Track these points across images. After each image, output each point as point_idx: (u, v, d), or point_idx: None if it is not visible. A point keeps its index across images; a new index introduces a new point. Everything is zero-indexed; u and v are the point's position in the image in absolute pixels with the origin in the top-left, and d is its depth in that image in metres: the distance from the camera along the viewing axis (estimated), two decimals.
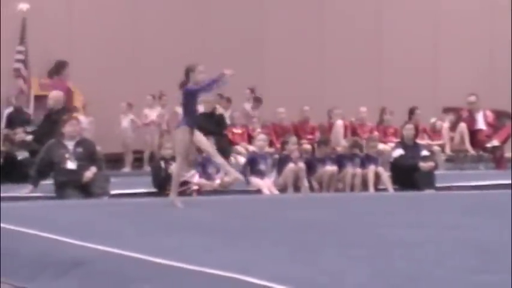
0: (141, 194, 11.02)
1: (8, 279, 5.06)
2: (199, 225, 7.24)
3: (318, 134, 14.70)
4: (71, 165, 10.37)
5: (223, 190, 11.21)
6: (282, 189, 11.91)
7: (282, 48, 16.71)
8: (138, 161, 15.47)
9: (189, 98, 8.72)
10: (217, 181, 11.67)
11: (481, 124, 15.54)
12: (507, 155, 15.78)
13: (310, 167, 12.13)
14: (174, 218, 7.96)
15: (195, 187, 11.29)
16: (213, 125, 13.30)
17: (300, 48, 17.00)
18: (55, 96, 12.77)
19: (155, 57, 16.06)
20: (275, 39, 16.91)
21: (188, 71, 8.73)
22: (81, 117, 13.36)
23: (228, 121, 14.50)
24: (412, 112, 14.77)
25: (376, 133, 14.33)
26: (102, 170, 10.83)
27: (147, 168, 13.94)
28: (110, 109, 15.07)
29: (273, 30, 17.03)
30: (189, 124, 8.68)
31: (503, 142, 15.60)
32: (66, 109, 12.27)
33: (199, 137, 8.84)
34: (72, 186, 10.28)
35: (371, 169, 12.18)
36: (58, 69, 12.88)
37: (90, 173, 10.34)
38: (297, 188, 11.89)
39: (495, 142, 15.42)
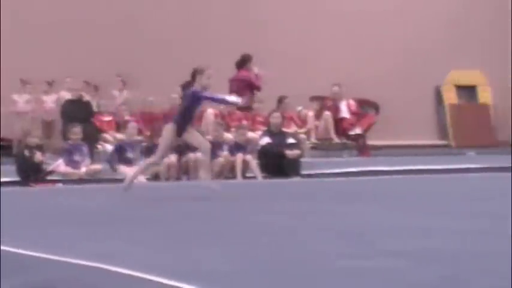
0: (4, 183, 10.68)
1: None
2: (63, 215, 7.10)
3: None
4: None
5: (89, 179, 11.03)
6: (152, 177, 11.86)
7: (153, 32, 16.50)
8: (5, 149, 14.97)
9: (195, 101, 8.41)
10: (84, 169, 11.48)
11: (344, 113, 15.90)
12: (370, 142, 16.26)
13: (180, 155, 12.12)
14: (38, 207, 7.76)
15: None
16: (79, 112, 13.06)
17: (172, 34, 16.85)
18: None
19: (29, 41, 15.53)
20: (145, 23, 16.69)
21: (195, 73, 8.39)
22: None
23: (95, 108, 14.25)
24: (280, 101, 14.94)
25: (244, 122, 14.45)
26: None
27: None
28: None
29: (143, 13, 16.78)
30: (178, 123, 8.37)
31: (366, 130, 16.06)
32: None
33: (192, 134, 8.51)
34: None
35: (239, 156, 12.28)
36: (244, 61, 14.52)
37: None
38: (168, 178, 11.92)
39: (358, 130, 15.83)
